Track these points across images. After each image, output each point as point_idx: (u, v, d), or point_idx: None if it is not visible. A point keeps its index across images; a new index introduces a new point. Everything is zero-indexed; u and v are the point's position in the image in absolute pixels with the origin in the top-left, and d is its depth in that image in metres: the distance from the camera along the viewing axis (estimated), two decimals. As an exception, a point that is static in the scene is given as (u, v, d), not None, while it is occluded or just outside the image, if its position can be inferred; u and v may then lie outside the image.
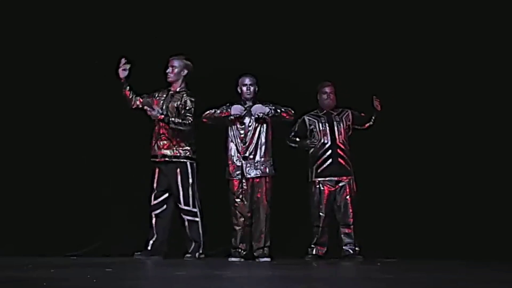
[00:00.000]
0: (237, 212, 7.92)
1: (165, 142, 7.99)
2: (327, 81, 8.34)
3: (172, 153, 8.00)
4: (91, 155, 8.84)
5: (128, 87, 8.03)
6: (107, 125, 8.67)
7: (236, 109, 7.89)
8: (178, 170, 8.03)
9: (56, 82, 8.98)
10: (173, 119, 7.91)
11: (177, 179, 8.04)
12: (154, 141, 8.04)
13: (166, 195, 8.10)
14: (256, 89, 8.00)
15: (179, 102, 8.00)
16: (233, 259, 7.89)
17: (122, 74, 7.98)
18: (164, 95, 8.09)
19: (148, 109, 7.86)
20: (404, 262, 7.69)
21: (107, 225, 8.81)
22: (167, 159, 8.00)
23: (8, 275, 5.78)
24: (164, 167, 8.04)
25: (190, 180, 8.06)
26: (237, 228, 7.94)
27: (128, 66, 7.96)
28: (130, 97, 8.07)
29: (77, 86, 8.99)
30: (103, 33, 9.01)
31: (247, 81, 8.00)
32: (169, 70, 8.07)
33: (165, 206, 8.10)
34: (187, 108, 7.99)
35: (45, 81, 8.97)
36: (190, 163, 8.08)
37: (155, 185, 8.11)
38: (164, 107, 8.00)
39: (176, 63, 8.08)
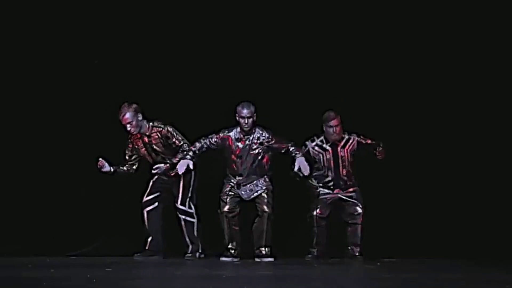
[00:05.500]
0: (224, 216, 7.94)
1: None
2: (331, 112, 8.04)
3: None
4: (90, 155, 8.83)
5: (118, 168, 8.10)
6: (107, 125, 8.66)
7: (181, 167, 7.81)
8: (182, 175, 8.06)
9: (57, 82, 8.99)
10: (175, 160, 7.92)
11: (180, 181, 8.10)
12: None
13: (158, 193, 8.15)
14: (254, 118, 7.82)
15: (158, 140, 7.99)
16: (224, 258, 7.91)
17: (106, 169, 8.02)
18: (141, 143, 8.05)
19: (156, 171, 7.98)
20: (404, 262, 7.69)
21: (107, 225, 8.81)
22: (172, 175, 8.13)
23: (8, 275, 5.78)
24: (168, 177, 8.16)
25: (192, 182, 8.12)
26: (224, 229, 7.96)
27: (105, 166, 7.98)
28: (126, 169, 8.15)
29: (77, 86, 9.00)
30: (103, 33, 9.01)
31: (245, 113, 7.76)
32: (129, 127, 7.92)
33: (156, 204, 8.14)
34: (171, 136, 7.97)
35: (46, 81, 8.97)
36: (194, 171, 8.10)
37: (151, 183, 8.18)
38: (152, 153, 8.04)
39: (128, 117, 7.89)
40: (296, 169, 7.83)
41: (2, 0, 8.95)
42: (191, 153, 7.85)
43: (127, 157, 8.18)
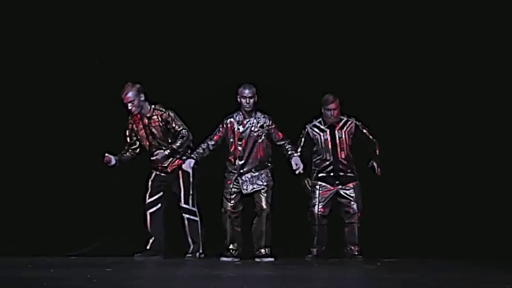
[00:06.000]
0: (228, 216, 7.94)
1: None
2: (330, 95, 8.10)
3: (175, 165, 8.09)
4: (90, 155, 8.84)
5: (122, 157, 8.11)
6: (107, 125, 8.67)
7: (187, 166, 7.87)
8: (180, 171, 8.07)
9: (56, 82, 8.98)
10: (175, 146, 7.93)
11: (179, 178, 8.09)
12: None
13: (161, 193, 8.14)
14: (256, 99, 7.90)
15: (158, 123, 8.00)
16: (224, 258, 7.91)
17: (113, 163, 8.04)
18: (140, 124, 8.07)
19: (156, 157, 7.95)
20: (404, 262, 7.69)
21: (107, 225, 8.81)
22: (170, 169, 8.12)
23: (8, 275, 5.78)
24: (165, 173, 8.14)
25: (191, 179, 8.11)
26: (227, 230, 7.96)
27: (112, 160, 8.01)
28: (130, 155, 8.16)
29: (77, 86, 9.00)
30: (103, 33, 9.01)
31: (246, 93, 7.85)
32: (130, 106, 7.93)
33: (159, 205, 8.14)
34: (171, 121, 7.97)
35: (46, 81, 8.97)
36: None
37: (150, 183, 8.17)
38: (149, 136, 8.03)
39: (130, 95, 7.91)
40: (294, 167, 7.85)
41: (2, 0, 8.96)
42: (196, 154, 7.89)
43: (128, 139, 8.16)
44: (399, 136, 8.89)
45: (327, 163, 8.18)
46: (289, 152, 7.90)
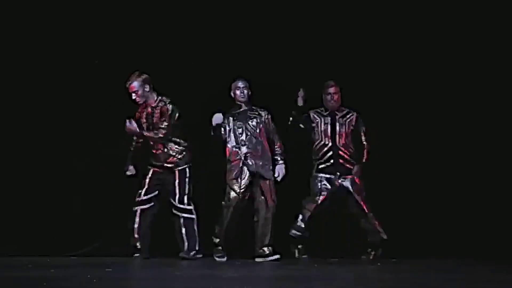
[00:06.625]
0: (229, 212, 7.90)
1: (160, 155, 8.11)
2: (332, 80, 8.29)
3: (172, 162, 8.09)
4: (91, 155, 8.85)
5: (132, 156, 8.22)
6: (107, 125, 8.67)
7: (216, 120, 7.94)
8: (177, 171, 8.08)
9: (56, 82, 8.97)
10: (145, 132, 7.96)
11: (175, 178, 8.09)
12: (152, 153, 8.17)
13: (156, 192, 8.15)
14: (249, 92, 8.02)
15: (159, 114, 8.02)
16: (218, 259, 7.90)
17: (134, 172, 8.18)
18: (144, 114, 8.09)
19: (128, 123, 7.90)
20: (404, 262, 7.69)
21: (107, 225, 8.81)
22: (167, 165, 8.11)
23: (8, 275, 5.78)
24: (162, 169, 8.13)
25: (187, 180, 8.11)
26: (223, 223, 7.93)
27: (132, 171, 8.14)
28: (135, 145, 8.23)
29: (77, 86, 8.99)
30: (103, 33, 9.01)
31: (241, 84, 8.00)
32: (134, 96, 7.97)
33: (152, 203, 8.14)
34: (165, 114, 7.97)
35: (45, 81, 8.96)
36: (188, 166, 8.14)
37: (147, 180, 8.15)
38: (150, 126, 8.04)
39: (135, 85, 7.95)
40: (276, 174, 7.97)
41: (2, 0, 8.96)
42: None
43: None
44: (400, 134, 8.88)
45: (326, 148, 8.21)
46: (275, 157, 8.03)
